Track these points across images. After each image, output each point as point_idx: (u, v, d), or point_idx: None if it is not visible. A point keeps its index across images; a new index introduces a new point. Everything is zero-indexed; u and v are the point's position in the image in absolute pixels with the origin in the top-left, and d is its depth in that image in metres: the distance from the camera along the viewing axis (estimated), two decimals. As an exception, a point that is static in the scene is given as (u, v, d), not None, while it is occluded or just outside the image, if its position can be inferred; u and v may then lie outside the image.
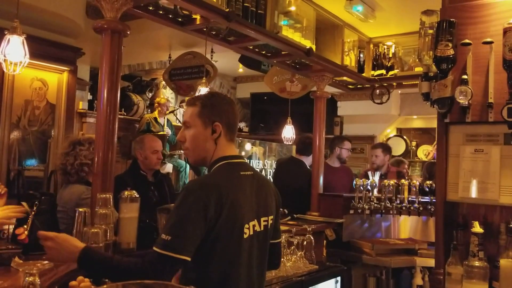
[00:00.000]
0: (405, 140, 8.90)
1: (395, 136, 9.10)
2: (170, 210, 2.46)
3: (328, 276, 3.34)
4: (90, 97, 6.99)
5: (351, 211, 4.24)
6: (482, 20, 2.33)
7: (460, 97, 2.24)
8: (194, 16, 3.18)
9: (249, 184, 1.86)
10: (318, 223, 3.98)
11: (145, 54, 6.71)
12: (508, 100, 2.16)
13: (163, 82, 8.26)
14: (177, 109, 8.00)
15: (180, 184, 6.81)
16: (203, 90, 4.00)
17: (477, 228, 2.23)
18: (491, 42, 2.24)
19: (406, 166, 6.14)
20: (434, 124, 9.20)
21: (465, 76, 2.28)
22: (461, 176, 2.37)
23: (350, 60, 4.70)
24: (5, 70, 2.55)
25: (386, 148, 5.67)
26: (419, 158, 8.91)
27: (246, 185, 1.85)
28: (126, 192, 2.47)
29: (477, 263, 2.20)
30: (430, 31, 2.52)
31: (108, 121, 2.60)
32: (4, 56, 2.47)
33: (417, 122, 9.18)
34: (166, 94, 8.36)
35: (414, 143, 9.04)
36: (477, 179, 2.33)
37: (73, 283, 1.87)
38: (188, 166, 6.91)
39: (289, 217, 4.01)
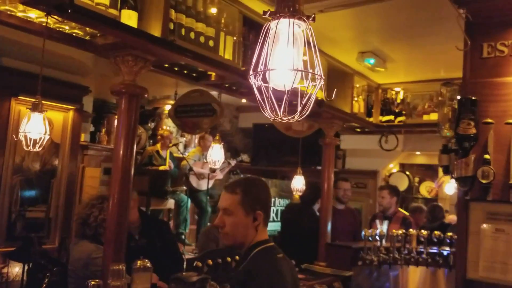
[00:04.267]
0: (408, 176, 8.86)
1: (398, 171, 9.06)
2: (183, 280, 2.42)
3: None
4: (92, 128, 6.94)
5: (360, 263, 4.19)
6: (504, 99, 2.33)
7: (482, 178, 2.22)
8: (209, 73, 3.17)
9: (285, 266, 1.94)
10: (327, 276, 3.92)
11: (151, 91, 6.68)
12: (531, 184, 2.14)
13: (166, 112, 8.24)
14: (180, 142, 7.96)
15: (180, 219, 6.72)
16: (215, 147, 3.97)
17: (499, 312, 2.19)
18: (514, 124, 2.23)
19: (425, 216, 6.01)
20: (436, 161, 9.16)
21: (487, 156, 2.26)
22: (482, 255, 2.33)
23: (358, 106, 4.71)
24: (24, 147, 2.52)
25: (393, 189, 5.57)
26: (421, 195, 8.87)
27: (285, 269, 1.92)
28: (139, 262, 2.42)
29: None
30: (450, 103, 2.51)
31: (123, 181, 2.56)
32: (25, 133, 2.44)
33: (420, 159, 9.15)
34: (169, 124, 8.31)
35: (417, 179, 9.01)
36: (498, 259, 2.29)
37: None
38: (189, 200, 6.83)
39: (297, 269, 3.95)
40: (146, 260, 2.42)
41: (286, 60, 1.28)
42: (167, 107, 7.73)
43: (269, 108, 1.29)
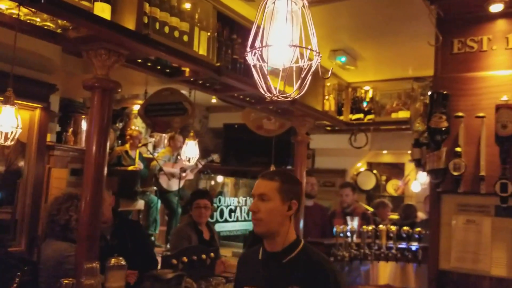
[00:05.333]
0: (375, 174, 9.02)
1: (365, 170, 9.22)
2: (159, 277, 2.39)
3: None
4: (58, 128, 6.76)
5: (331, 259, 4.23)
6: (474, 93, 2.40)
7: (453, 170, 2.28)
8: (183, 69, 3.14)
9: None
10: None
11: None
12: (501, 175, 2.21)
13: (135, 112, 8.10)
14: (150, 142, 7.85)
15: (150, 220, 6.63)
16: (190, 143, 3.94)
17: (470, 300, 2.26)
18: (483, 117, 2.30)
19: (389, 210, 6.23)
20: (403, 159, 9.37)
21: (458, 149, 2.32)
22: (454, 246, 2.40)
23: (329, 105, 4.75)
24: (-5, 141, 2.43)
25: (353, 187, 5.91)
26: (388, 193, 9.05)
27: None
28: (113, 259, 2.37)
29: (471, 336, 2.21)
30: (422, 98, 2.57)
31: (95, 181, 2.51)
32: (-4, 126, 2.35)
33: (387, 157, 9.34)
34: (137, 124, 8.19)
35: (384, 178, 9.19)
36: (469, 250, 2.36)
37: None
38: (159, 201, 6.74)
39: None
40: (121, 258, 2.38)
41: (284, 37, 1.27)
42: (136, 107, 7.60)
43: (265, 87, 1.29)
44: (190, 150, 4.07)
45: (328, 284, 1.85)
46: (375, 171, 9.03)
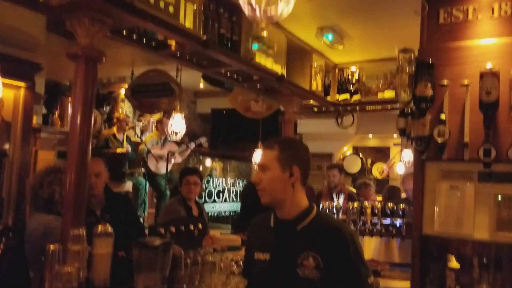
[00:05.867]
0: (361, 158, 9.11)
1: (351, 154, 9.30)
2: (146, 245, 2.39)
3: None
4: (44, 111, 6.70)
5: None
6: (459, 62, 2.43)
7: (438, 137, 2.31)
8: (169, 42, 3.12)
9: None
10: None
11: (105, 70, 6.51)
12: (484, 141, 2.25)
13: (122, 96, 8.05)
14: (137, 125, 7.81)
15: (139, 202, 6.63)
16: (176, 117, 3.92)
17: (453, 263, 2.30)
18: (467, 85, 2.33)
19: (372, 190, 6.32)
20: (388, 143, 9.47)
21: (443, 116, 2.35)
22: (437, 211, 2.44)
23: (316, 85, 4.77)
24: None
25: (341, 168, 5.99)
26: (374, 176, 9.15)
27: None
28: (100, 226, 2.37)
29: (453, 298, 2.26)
30: (407, 69, 2.59)
31: (81, 150, 2.50)
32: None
33: (373, 141, 9.44)
34: (125, 108, 8.14)
35: (369, 161, 9.28)
36: (452, 214, 2.40)
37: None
38: (147, 184, 6.74)
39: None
40: (107, 225, 2.38)
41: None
42: (123, 91, 7.56)
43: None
44: (177, 124, 4.05)
45: (348, 248, 1.80)
46: (361, 155, 9.11)
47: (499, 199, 2.33)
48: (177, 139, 4.69)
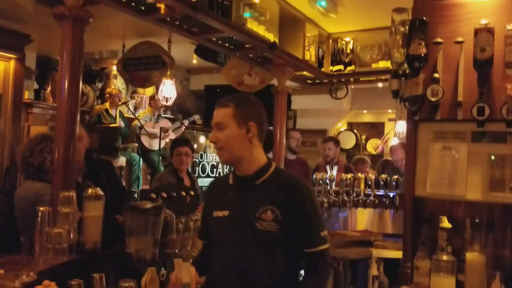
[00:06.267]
0: (355, 134, 9.10)
1: (346, 130, 9.29)
2: (137, 209, 2.37)
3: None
4: (36, 86, 6.62)
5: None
6: (453, 20, 2.38)
7: (431, 96, 2.28)
8: (158, 5, 3.06)
9: None
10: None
11: (96, 43, 6.41)
12: (478, 99, 2.22)
13: (114, 72, 7.97)
14: (130, 100, 7.74)
15: (133, 178, 6.60)
16: (167, 83, 3.87)
17: (445, 223, 2.29)
18: (462, 42, 2.29)
19: (368, 167, 6.30)
20: (383, 118, 9.49)
21: (436, 75, 2.32)
22: (430, 172, 2.42)
23: (310, 56, 4.72)
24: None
25: (336, 141, 5.96)
26: (368, 152, 9.16)
27: None
28: (90, 189, 2.35)
29: (445, 257, 2.25)
30: (402, 29, 2.55)
31: (69, 114, 2.47)
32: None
33: (367, 117, 9.42)
34: (117, 84, 8.06)
35: (363, 137, 9.28)
36: (445, 176, 2.39)
37: (39, 287, 1.74)
38: (141, 159, 6.71)
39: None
40: (98, 188, 2.35)
41: None
42: (115, 68, 7.48)
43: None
44: (167, 90, 4.00)
45: (303, 200, 1.87)
46: (355, 131, 9.10)
47: (492, 159, 2.31)
48: (168, 104, 4.63)
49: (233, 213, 1.91)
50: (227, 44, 3.91)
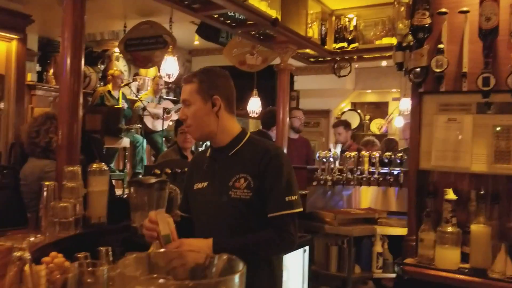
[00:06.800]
0: (359, 114, 9.07)
1: (349, 110, 9.25)
2: (142, 183, 2.38)
3: (296, 246, 3.36)
4: (39, 68, 6.61)
5: (314, 183, 4.28)
6: (458, -11, 2.35)
7: (436, 67, 2.26)
8: (160, -20, 3.03)
9: None
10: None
11: (97, 24, 6.38)
12: (483, 69, 2.20)
13: (116, 54, 7.94)
14: (132, 82, 7.73)
15: (137, 159, 6.62)
16: (169, 59, 3.85)
17: (450, 195, 2.29)
18: (467, 12, 2.26)
19: (377, 149, 6.27)
20: (386, 98, 9.45)
21: (441, 46, 2.29)
22: (434, 145, 2.41)
23: (313, 33, 4.67)
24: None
25: (346, 124, 5.89)
26: (372, 132, 9.14)
27: None
28: (95, 164, 2.35)
29: (450, 229, 2.26)
30: (405, 0, 2.51)
31: (72, 91, 2.45)
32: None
33: (371, 97, 9.37)
34: (119, 66, 8.04)
35: (367, 117, 9.25)
36: (449, 148, 2.38)
37: (46, 259, 1.76)
38: (145, 141, 6.71)
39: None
40: (103, 164, 2.36)
41: None
42: (117, 50, 7.45)
43: None
44: (169, 66, 3.97)
45: (270, 163, 1.85)
46: (359, 111, 9.07)
47: (497, 130, 2.30)
48: (170, 81, 4.61)
49: (209, 184, 1.94)
50: (228, 21, 3.87)
